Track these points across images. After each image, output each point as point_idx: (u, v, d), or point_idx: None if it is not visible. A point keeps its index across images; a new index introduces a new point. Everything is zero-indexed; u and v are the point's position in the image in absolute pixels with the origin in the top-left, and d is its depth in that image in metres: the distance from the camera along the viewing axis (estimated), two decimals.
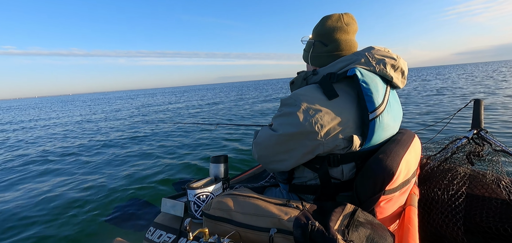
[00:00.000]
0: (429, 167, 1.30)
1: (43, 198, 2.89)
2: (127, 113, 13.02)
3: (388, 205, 0.79)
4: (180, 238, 0.90)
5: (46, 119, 12.86)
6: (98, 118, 11.60)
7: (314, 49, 0.94)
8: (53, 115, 14.66)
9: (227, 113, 10.03)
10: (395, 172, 0.72)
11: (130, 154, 4.55)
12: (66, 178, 3.56)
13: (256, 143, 0.90)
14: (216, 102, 15.45)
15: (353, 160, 0.80)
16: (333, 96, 0.76)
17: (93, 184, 3.21)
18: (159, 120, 9.02)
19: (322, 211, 0.72)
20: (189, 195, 0.93)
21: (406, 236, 0.70)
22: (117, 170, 3.71)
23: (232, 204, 0.76)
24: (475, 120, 1.39)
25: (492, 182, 1.09)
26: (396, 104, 0.88)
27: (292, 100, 0.79)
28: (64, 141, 6.50)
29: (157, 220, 1.03)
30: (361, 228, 0.64)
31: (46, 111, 19.58)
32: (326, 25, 0.90)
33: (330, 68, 0.85)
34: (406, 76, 0.89)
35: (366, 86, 0.76)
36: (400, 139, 0.84)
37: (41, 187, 3.28)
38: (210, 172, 1.09)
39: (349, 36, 0.90)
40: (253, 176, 1.64)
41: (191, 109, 12.48)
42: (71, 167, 4.05)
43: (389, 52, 0.85)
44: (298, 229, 0.63)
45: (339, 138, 0.76)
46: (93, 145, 5.59)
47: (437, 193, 1.10)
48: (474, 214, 1.05)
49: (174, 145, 4.92)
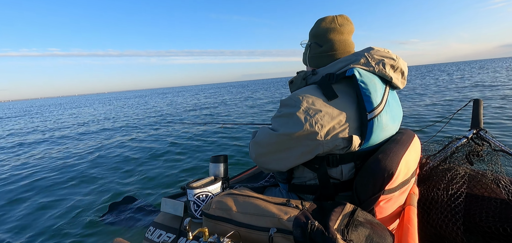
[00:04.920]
0: (429, 167, 1.30)
1: (42, 198, 2.89)
2: (139, 112, 12.98)
3: (387, 205, 0.79)
4: (180, 237, 0.90)
5: (60, 120, 12.87)
6: (103, 118, 11.60)
7: (311, 50, 0.96)
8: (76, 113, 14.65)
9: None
10: (394, 172, 0.72)
11: (130, 154, 4.55)
12: (66, 178, 3.56)
13: (255, 142, 0.90)
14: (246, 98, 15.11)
15: (352, 160, 0.81)
16: (332, 97, 0.77)
17: (93, 184, 3.21)
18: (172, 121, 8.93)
19: (321, 210, 0.72)
20: (188, 195, 0.93)
21: (406, 236, 0.70)
22: (117, 170, 3.71)
23: (232, 203, 0.76)
24: (475, 120, 1.40)
25: (492, 181, 1.09)
26: (395, 104, 0.88)
27: (292, 101, 0.80)
28: (65, 141, 6.50)
29: (157, 220, 1.03)
30: (360, 228, 0.64)
31: (71, 110, 19.61)
32: (320, 26, 0.92)
33: (329, 69, 0.86)
34: (406, 77, 0.90)
35: (365, 86, 0.76)
36: (399, 139, 0.84)
37: (41, 187, 3.28)
38: (209, 172, 1.09)
39: (344, 37, 0.92)
40: (253, 176, 1.64)
41: (203, 110, 12.29)
42: (71, 167, 4.05)
43: (388, 53, 0.86)
44: (297, 228, 0.63)
45: (338, 138, 0.76)
46: (93, 145, 5.59)
47: (436, 193, 1.10)
48: (474, 214, 1.05)
49: (177, 145, 4.91)
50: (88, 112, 15.83)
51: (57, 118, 13.08)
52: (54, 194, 3.00)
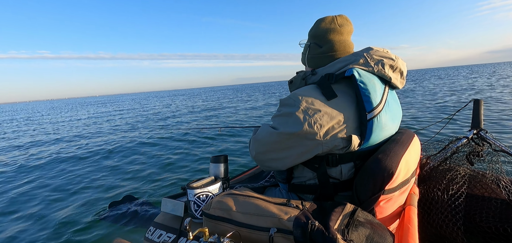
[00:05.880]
0: (429, 167, 1.30)
1: (42, 198, 2.89)
2: (135, 115, 12.99)
3: (387, 205, 0.79)
4: (180, 237, 0.90)
5: (60, 121, 12.87)
6: (101, 121, 11.60)
7: (310, 50, 0.96)
8: (71, 116, 14.66)
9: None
10: (394, 172, 0.72)
11: (130, 155, 4.56)
12: (66, 178, 3.56)
13: (255, 139, 0.90)
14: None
15: (352, 160, 0.81)
16: (331, 97, 0.77)
17: (93, 184, 3.21)
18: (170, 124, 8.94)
19: (322, 210, 0.72)
20: (189, 195, 0.92)
21: (406, 236, 0.70)
22: (117, 170, 3.71)
23: (232, 203, 0.76)
24: (475, 120, 1.40)
25: (492, 182, 1.09)
26: (395, 104, 0.88)
27: (291, 101, 0.80)
28: (64, 142, 6.51)
29: (157, 220, 1.03)
30: (360, 228, 0.64)
31: (63, 113, 19.62)
32: (320, 27, 0.92)
33: (329, 69, 0.86)
34: (405, 77, 0.90)
35: (364, 86, 0.76)
36: (399, 138, 0.84)
37: (41, 187, 3.28)
38: (210, 172, 1.08)
39: (343, 37, 0.91)
40: (253, 176, 1.64)
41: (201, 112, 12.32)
42: (71, 168, 4.05)
43: (388, 53, 0.86)
44: (298, 228, 0.63)
45: (338, 138, 0.76)
46: (93, 146, 5.60)
47: (437, 193, 1.10)
48: (474, 214, 1.05)
49: (175, 147, 4.92)
50: (81, 114, 15.76)
51: (52, 121, 13.07)
52: (54, 194, 3.00)
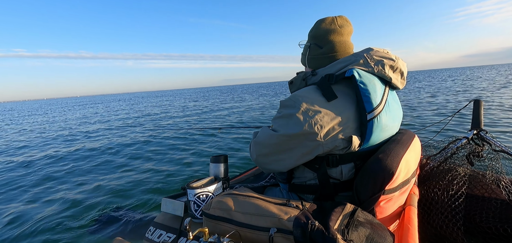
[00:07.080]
0: (429, 167, 1.30)
1: (42, 197, 2.89)
2: (127, 115, 13.01)
3: (388, 205, 0.79)
4: (180, 237, 0.90)
5: (48, 121, 12.88)
6: (96, 120, 11.61)
7: (310, 51, 0.96)
8: (58, 117, 14.67)
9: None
10: (394, 172, 0.72)
11: (130, 155, 4.56)
12: (66, 178, 3.56)
13: (255, 142, 0.90)
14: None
15: (352, 160, 0.81)
16: (332, 98, 0.77)
17: (93, 184, 3.21)
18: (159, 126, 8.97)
19: (322, 210, 0.72)
20: (189, 195, 0.93)
21: (406, 236, 0.70)
22: (117, 171, 3.71)
23: (232, 203, 0.76)
24: (475, 121, 1.40)
25: (492, 182, 1.09)
26: (395, 104, 0.88)
27: (291, 102, 0.80)
28: (64, 142, 6.51)
29: (157, 220, 1.03)
30: (361, 228, 0.64)
31: (48, 113, 19.59)
32: (320, 28, 0.91)
33: (329, 69, 0.86)
34: (405, 77, 0.90)
35: (364, 86, 0.76)
36: (399, 139, 0.84)
37: (40, 187, 3.28)
38: (210, 172, 1.08)
39: (344, 38, 0.91)
40: (253, 176, 1.64)
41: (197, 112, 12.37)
42: (71, 168, 4.05)
43: (388, 53, 0.86)
44: (298, 228, 0.63)
45: (338, 139, 0.76)
46: (93, 146, 5.60)
47: (437, 193, 1.10)
48: (474, 214, 1.05)
49: (174, 146, 4.92)
50: (75, 115, 15.68)
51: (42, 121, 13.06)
52: (53, 193, 3.00)
